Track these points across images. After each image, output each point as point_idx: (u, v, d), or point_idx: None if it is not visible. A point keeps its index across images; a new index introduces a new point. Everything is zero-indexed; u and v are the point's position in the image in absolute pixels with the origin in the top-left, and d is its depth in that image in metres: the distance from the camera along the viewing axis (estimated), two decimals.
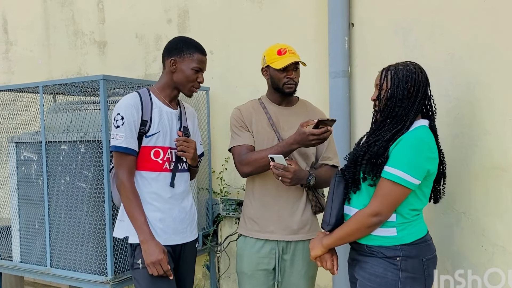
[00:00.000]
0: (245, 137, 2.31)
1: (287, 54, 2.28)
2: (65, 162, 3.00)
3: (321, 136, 2.08)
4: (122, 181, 2.06)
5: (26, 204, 3.24)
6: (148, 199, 2.12)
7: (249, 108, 2.38)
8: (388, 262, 1.85)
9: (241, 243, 2.41)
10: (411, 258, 1.85)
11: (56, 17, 4.64)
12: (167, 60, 2.16)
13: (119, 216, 2.18)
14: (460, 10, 2.61)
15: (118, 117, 2.06)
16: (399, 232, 1.87)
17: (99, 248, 2.88)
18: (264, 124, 2.33)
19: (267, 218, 2.31)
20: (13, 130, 3.40)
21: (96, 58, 4.39)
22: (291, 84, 2.30)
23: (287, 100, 2.39)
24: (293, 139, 2.14)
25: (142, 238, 2.04)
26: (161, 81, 2.21)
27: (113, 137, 2.07)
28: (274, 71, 2.29)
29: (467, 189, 2.59)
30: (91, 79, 2.89)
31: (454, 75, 2.62)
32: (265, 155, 2.18)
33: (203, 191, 3.70)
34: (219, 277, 3.83)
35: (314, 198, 2.35)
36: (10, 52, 5.03)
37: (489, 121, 2.50)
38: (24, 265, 3.25)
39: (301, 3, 3.25)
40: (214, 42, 3.65)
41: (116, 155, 2.08)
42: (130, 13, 4.12)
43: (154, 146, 2.12)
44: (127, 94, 2.15)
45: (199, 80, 2.19)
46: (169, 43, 2.22)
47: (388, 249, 1.86)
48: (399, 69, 1.93)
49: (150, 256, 2.01)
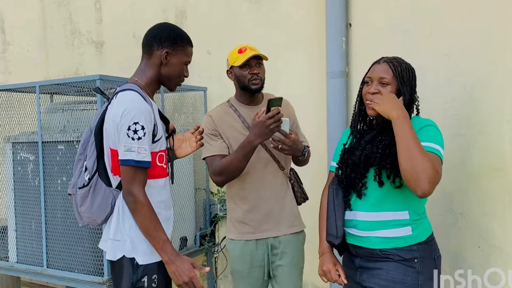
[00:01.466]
0: (217, 146, 2.26)
1: (247, 51, 2.24)
2: (62, 162, 2.99)
3: (277, 117, 2.03)
4: (137, 198, 1.80)
5: (22, 204, 3.23)
6: (158, 209, 1.89)
7: (220, 113, 2.33)
8: (407, 266, 1.78)
9: (232, 246, 2.38)
10: (426, 258, 1.81)
11: (53, 17, 4.63)
12: (157, 51, 1.91)
13: (111, 235, 1.89)
14: (457, 11, 2.61)
15: (137, 126, 1.77)
16: (414, 230, 1.80)
17: (96, 249, 2.87)
18: (239, 127, 2.29)
19: (259, 218, 2.30)
20: (9, 130, 3.39)
21: (93, 58, 4.38)
22: (256, 80, 2.25)
23: (256, 99, 2.35)
24: (252, 134, 2.08)
25: (167, 259, 1.82)
26: (146, 74, 1.94)
27: (130, 150, 1.78)
28: (238, 70, 2.26)
29: (464, 190, 2.59)
30: (88, 79, 2.88)
31: (451, 76, 2.62)
32: (231, 159, 2.15)
33: (201, 191, 3.70)
34: (216, 277, 3.82)
35: (299, 189, 2.37)
36: (7, 52, 5.02)
37: (486, 122, 2.50)
38: (20, 265, 3.24)
39: (299, 4, 3.25)
40: (211, 42, 3.65)
41: (131, 169, 1.80)
42: (128, 13, 4.12)
43: (159, 150, 1.93)
44: (126, 93, 1.85)
45: (186, 74, 2.00)
46: (158, 30, 1.95)
47: (404, 250, 1.79)
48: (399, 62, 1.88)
49: (181, 276, 1.81)
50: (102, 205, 1.90)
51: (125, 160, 1.79)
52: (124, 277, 1.87)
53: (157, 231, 1.83)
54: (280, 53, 3.27)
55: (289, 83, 3.25)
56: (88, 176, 1.91)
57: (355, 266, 1.91)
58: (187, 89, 3.59)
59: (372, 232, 1.83)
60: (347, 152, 1.95)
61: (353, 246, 1.91)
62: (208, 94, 3.69)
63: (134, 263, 1.86)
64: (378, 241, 1.82)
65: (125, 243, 1.87)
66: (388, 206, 1.82)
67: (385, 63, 1.86)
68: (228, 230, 2.41)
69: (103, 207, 1.90)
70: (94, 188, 1.90)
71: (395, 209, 1.82)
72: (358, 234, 1.86)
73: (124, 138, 1.78)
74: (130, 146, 1.78)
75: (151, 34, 1.95)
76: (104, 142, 1.88)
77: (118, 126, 1.80)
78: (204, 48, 3.66)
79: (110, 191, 1.90)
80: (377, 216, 1.82)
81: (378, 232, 1.82)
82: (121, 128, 1.79)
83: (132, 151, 1.78)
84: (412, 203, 1.82)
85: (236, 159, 2.15)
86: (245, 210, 2.31)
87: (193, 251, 3.53)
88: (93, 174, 1.90)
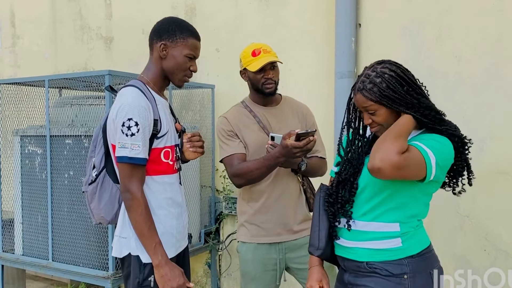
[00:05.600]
0: (234, 146, 2.23)
1: (261, 55, 2.20)
2: (69, 156, 3.00)
3: (304, 148, 2.02)
4: (135, 195, 1.78)
5: (29, 197, 3.25)
6: (165, 205, 1.89)
7: (235, 114, 2.30)
8: (395, 283, 1.63)
9: (244, 249, 2.33)
10: (419, 273, 1.65)
11: (63, 12, 4.65)
12: (156, 44, 1.88)
13: (118, 233, 1.88)
14: (468, 13, 2.60)
15: (130, 123, 1.75)
16: (404, 243, 1.66)
17: (101, 243, 2.89)
18: (254, 128, 2.27)
19: (272, 221, 2.27)
20: (18, 124, 3.41)
21: (102, 53, 4.40)
22: (270, 84, 2.23)
23: (271, 100, 2.33)
24: (278, 152, 2.06)
25: (158, 262, 1.79)
26: (150, 70, 1.92)
27: (124, 146, 1.76)
28: (252, 73, 2.24)
29: (471, 193, 2.55)
30: (97, 74, 2.89)
31: (460, 78, 2.61)
32: (253, 168, 2.14)
33: (206, 189, 3.70)
34: (220, 275, 3.83)
35: (312, 196, 2.34)
36: (17, 46, 5.05)
37: (494, 125, 2.49)
38: (26, 258, 3.26)
39: (308, 3, 3.24)
40: (220, 40, 3.65)
41: (127, 166, 1.78)
42: (137, 9, 4.13)
43: (164, 146, 1.89)
44: (125, 90, 1.84)
45: (192, 68, 1.92)
46: (159, 24, 1.93)
47: (393, 265, 1.64)
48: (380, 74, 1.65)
49: (169, 282, 1.79)
50: (110, 202, 1.90)
51: (120, 157, 1.78)
52: (132, 275, 1.86)
53: (151, 232, 1.79)
54: (289, 52, 3.26)
55: (297, 82, 3.25)
56: (96, 172, 1.91)
57: (345, 282, 1.78)
58: (195, 87, 3.60)
59: (359, 242, 1.71)
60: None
61: (342, 258, 1.79)
62: (216, 91, 3.69)
63: (141, 262, 1.84)
64: (365, 253, 1.70)
65: (130, 241, 1.85)
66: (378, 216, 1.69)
67: (358, 93, 1.64)
68: (239, 232, 2.36)
69: (111, 204, 1.90)
70: (101, 185, 1.90)
71: (385, 220, 1.69)
72: (346, 245, 1.75)
73: (119, 135, 1.77)
74: (124, 143, 1.76)
75: (152, 29, 1.93)
76: (108, 138, 1.88)
77: (114, 122, 1.79)
78: (213, 45, 3.66)
79: (117, 188, 1.89)
80: (365, 225, 1.70)
81: (365, 243, 1.70)
82: (116, 124, 1.78)
83: (125, 148, 1.76)
84: (403, 217, 1.69)
85: (259, 169, 2.13)
86: (258, 212, 2.28)
87: (198, 248, 3.54)
88: (100, 171, 1.90)
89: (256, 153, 2.23)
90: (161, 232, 1.84)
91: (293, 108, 2.38)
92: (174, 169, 1.95)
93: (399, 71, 1.64)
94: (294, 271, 2.33)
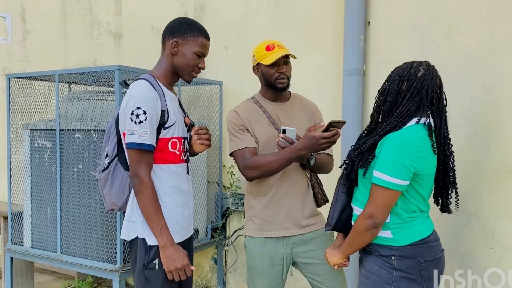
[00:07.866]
0: (246, 139, 2.24)
1: (275, 49, 2.23)
2: (79, 150, 3.03)
3: (332, 139, 2.03)
4: (143, 180, 1.89)
5: (38, 190, 3.29)
6: (170, 193, 1.99)
7: (246, 108, 2.31)
8: (383, 260, 1.86)
9: (252, 243, 2.34)
10: (408, 259, 1.83)
11: (73, 7, 4.69)
12: (168, 41, 2.02)
13: (127, 217, 2.00)
14: (478, 11, 2.59)
15: (139, 111, 1.87)
16: (395, 235, 1.84)
17: (109, 236, 2.92)
18: (264, 123, 2.28)
19: (280, 215, 2.28)
20: (28, 117, 3.44)
21: (111, 49, 4.43)
22: (283, 79, 2.25)
23: (282, 96, 2.35)
24: (301, 144, 2.08)
25: (163, 243, 1.90)
26: (161, 65, 2.06)
27: (132, 133, 1.88)
28: (265, 68, 2.25)
29: (479, 190, 2.58)
30: (107, 69, 2.92)
31: (470, 76, 2.61)
32: (272, 160, 2.15)
33: (213, 184, 3.72)
34: (226, 270, 3.85)
35: (320, 191, 2.36)
36: (27, 41, 5.09)
37: (503, 123, 2.49)
38: (34, 250, 3.30)
39: (317, 1, 3.25)
40: (229, 37, 3.67)
41: (136, 152, 1.90)
42: (147, 5, 4.15)
43: (172, 137, 1.99)
44: (136, 82, 1.98)
45: (200, 66, 2.05)
46: (172, 22, 2.06)
47: (383, 248, 1.87)
48: (399, 66, 1.92)
49: (174, 262, 1.90)
50: (121, 188, 2.03)
51: (129, 143, 1.90)
52: (138, 258, 1.97)
53: (157, 215, 1.91)
54: (297, 49, 3.25)
55: (305, 79, 3.26)
56: (108, 160, 2.03)
57: (359, 258, 2.06)
58: (203, 83, 3.62)
59: None
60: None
61: None
62: (224, 88, 3.71)
63: (147, 245, 1.94)
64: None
65: (137, 224, 1.96)
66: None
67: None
68: (247, 226, 2.37)
69: (121, 190, 2.03)
70: (113, 172, 2.03)
71: None
72: None
73: (128, 122, 1.90)
74: (132, 130, 1.89)
75: (166, 27, 2.06)
76: (119, 128, 2.00)
77: (125, 111, 1.92)
78: (222, 42, 3.68)
79: (128, 175, 1.99)
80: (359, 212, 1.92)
81: None
82: (126, 113, 1.91)
83: (134, 134, 1.89)
84: (394, 210, 1.84)
85: (277, 161, 2.14)
86: (266, 207, 2.28)
87: (204, 243, 3.56)
88: (113, 159, 2.02)
89: (265, 147, 2.25)
90: (166, 217, 1.94)
91: (302, 105, 2.39)
92: (181, 159, 2.05)
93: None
94: (300, 266, 2.34)
